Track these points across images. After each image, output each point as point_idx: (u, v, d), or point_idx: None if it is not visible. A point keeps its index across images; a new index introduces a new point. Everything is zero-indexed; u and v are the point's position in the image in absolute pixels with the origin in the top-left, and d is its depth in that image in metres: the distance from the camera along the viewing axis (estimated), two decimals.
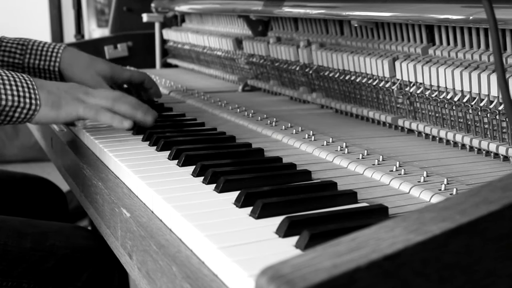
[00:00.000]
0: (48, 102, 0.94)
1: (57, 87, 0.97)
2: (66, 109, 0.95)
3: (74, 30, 2.65)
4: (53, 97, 0.95)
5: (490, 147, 0.89)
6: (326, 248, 0.40)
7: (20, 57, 1.19)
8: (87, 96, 0.98)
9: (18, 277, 1.03)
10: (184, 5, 1.82)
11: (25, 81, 0.93)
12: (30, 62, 1.19)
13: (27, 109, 0.92)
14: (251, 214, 0.64)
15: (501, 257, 0.43)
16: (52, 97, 0.95)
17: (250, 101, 1.36)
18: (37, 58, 1.19)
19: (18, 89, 0.92)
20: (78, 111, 0.96)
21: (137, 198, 0.77)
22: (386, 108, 1.11)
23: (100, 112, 0.96)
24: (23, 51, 1.19)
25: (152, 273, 0.62)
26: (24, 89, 0.92)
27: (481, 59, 0.92)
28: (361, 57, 1.12)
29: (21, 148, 3.85)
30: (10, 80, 0.92)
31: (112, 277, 1.12)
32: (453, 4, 0.92)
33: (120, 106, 0.98)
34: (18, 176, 1.47)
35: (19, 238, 1.05)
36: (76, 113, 0.96)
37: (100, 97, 0.98)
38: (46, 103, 0.94)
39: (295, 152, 0.93)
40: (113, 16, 2.15)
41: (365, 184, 0.78)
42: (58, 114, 0.95)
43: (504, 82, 0.62)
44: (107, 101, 0.98)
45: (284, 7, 1.31)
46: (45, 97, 0.94)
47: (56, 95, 0.95)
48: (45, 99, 0.94)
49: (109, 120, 0.97)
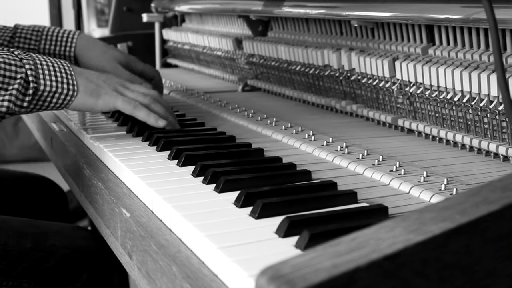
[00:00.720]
0: (87, 89, 0.95)
1: (96, 76, 0.98)
2: (104, 99, 0.96)
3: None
4: (92, 86, 0.96)
5: (490, 147, 0.89)
6: (326, 248, 0.40)
7: (35, 43, 1.20)
8: (125, 89, 1.00)
9: (18, 277, 1.03)
10: (184, 5, 1.82)
11: (62, 67, 0.94)
12: (46, 48, 1.19)
13: (65, 94, 0.93)
14: (251, 214, 0.64)
15: (501, 257, 0.43)
16: (91, 85, 0.96)
17: (250, 101, 1.36)
18: (52, 44, 1.20)
19: (56, 74, 0.92)
20: (116, 102, 0.97)
21: (137, 198, 0.77)
22: (386, 108, 1.11)
23: (137, 108, 0.98)
24: (38, 37, 1.20)
25: (152, 273, 0.62)
26: (62, 75, 0.93)
27: (481, 59, 0.92)
28: (361, 57, 1.12)
29: (21, 148, 3.84)
30: (49, 65, 0.92)
31: (112, 277, 1.12)
32: (453, 4, 0.92)
33: (157, 105, 1.01)
34: (19, 175, 1.47)
35: (19, 238, 1.05)
36: (113, 104, 0.97)
37: (139, 93, 1.01)
38: (85, 90, 0.95)
39: (295, 152, 0.93)
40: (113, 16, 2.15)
41: (365, 184, 0.78)
42: (96, 102, 0.96)
43: (504, 82, 0.62)
44: (145, 98, 1.00)
45: (284, 7, 1.31)
46: (84, 84, 0.95)
47: (95, 83, 0.96)
48: (84, 86, 0.95)
49: (146, 117, 0.99)
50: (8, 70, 0.88)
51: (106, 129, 1.07)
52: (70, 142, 1.06)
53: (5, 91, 0.87)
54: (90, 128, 1.06)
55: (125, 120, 1.09)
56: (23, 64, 0.89)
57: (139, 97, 1.00)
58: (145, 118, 0.99)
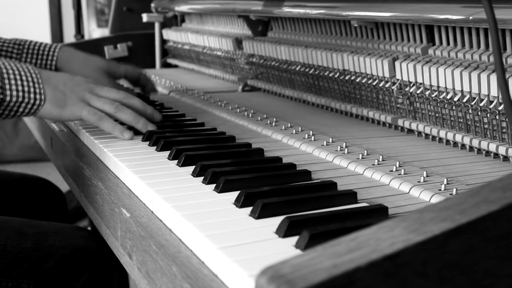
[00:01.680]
0: (53, 99, 0.94)
1: (64, 82, 0.97)
2: (70, 109, 0.95)
3: (74, 30, 2.65)
4: (59, 95, 0.95)
5: (490, 147, 0.89)
6: (326, 248, 0.40)
7: (16, 56, 1.20)
8: (93, 96, 0.98)
9: (18, 277, 1.03)
10: (184, 5, 1.82)
11: (30, 75, 0.93)
12: (27, 62, 1.19)
13: (32, 104, 0.93)
14: (251, 214, 0.64)
15: (501, 257, 0.43)
16: (57, 94, 0.95)
17: (250, 101, 1.36)
18: (34, 57, 1.20)
19: (23, 84, 0.91)
20: (81, 113, 0.96)
21: (137, 198, 0.77)
22: (386, 108, 1.11)
23: (102, 119, 0.97)
24: (20, 50, 1.20)
25: (152, 273, 0.62)
26: (29, 84, 0.92)
27: (481, 59, 0.92)
28: (361, 57, 1.12)
29: (21, 148, 3.85)
30: (15, 74, 0.91)
31: (112, 278, 1.12)
32: (453, 4, 0.92)
33: (122, 114, 0.98)
34: (17, 176, 1.47)
35: (19, 238, 1.05)
36: (79, 115, 0.96)
37: (104, 101, 0.98)
38: (50, 100, 0.94)
39: (295, 152, 0.93)
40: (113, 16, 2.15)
41: (365, 184, 0.78)
42: (62, 113, 0.95)
43: (504, 82, 0.62)
44: (112, 106, 0.98)
45: (284, 7, 1.31)
46: (51, 94, 0.94)
47: (62, 92, 0.95)
48: (50, 96, 0.94)
49: (111, 129, 0.97)
50: None
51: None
52: (70, 142, 1.06)
53: None
54: (90, 128, 1.06)
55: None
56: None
57: (105, 105, 0.97)
58: (110, 130, 0.97)
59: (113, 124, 0.97)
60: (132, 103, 1.01)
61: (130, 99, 1.01)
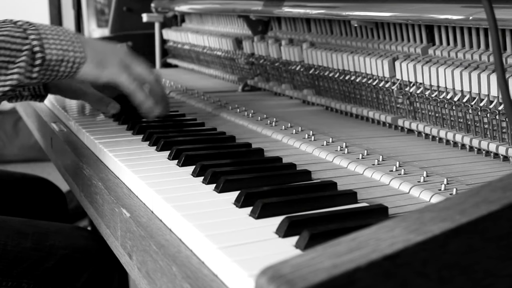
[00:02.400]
0: (94, 59, 0.94)
1: (103, 45, 0.97)
2: (110, 70, 0.95)
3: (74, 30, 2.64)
4: (100, 56, 0.95)
5: (490, 147, 0.89)
6: (326, 248, 0.40)
7: None
8: (132, 64, 0.99)
9: (18, 277, 1.03)
10: (184, 5, 1.82)
11: (67, 34, 0.92)
12: None
13: (72, 62, 0.91)
14: (251, 214, 0.64)
15: (501, 257, 0.43)
16: (99, 55, 0.94)
17: (250, 101, 1.36)
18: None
19: (62, 42, 0.90)
20: (120, 77, 0.97)
21: (137, 198, 0.77)
22: (386, 108, 1.11)
23: (138, 89, 0.98)
24: None
25: (152, 273, 0.62)
26: (68, 43, 0.91)
27: (481, 59, 0.92)
28: (361, 57, 1.12)
29: (21, 148, 3.84)
30: (53, 34, 0.90)
31: (112, 277, 1.12)
32: (453, 4, 0.92)
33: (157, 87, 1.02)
34: (18, 176, 1.47)
35: (19, 238, 1.05)
36: (118, 79, 0.96)
37: (144, 69, 1.00)
38: (92, 59, 0.93)
39: (295, 152, 0.93)
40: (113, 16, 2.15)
41: (365, 184, 0.78)
42: (102, 73, 0.95)
43: (504, 82, 0.62)
44: (150, 76, 1.00)
45: (284, 7, 1.30)
46: (92, 54, 0.93)
47: (103, 53, 0.95)
48: (92, 56, 0.93)
49: (143, 100, 0.99)
50: (13, 43, 0.86)
51: (106, 129, 1.07)
52: (70, 142, 1.06)
53: (13, 64, 0.86)
54: (90, 128, 1.06)
55: (126, 120, 1.09)
56: (28, 35, 0.88)
57: (146, 71, 1.00)
58: (142, 101, 0.99)
59: (146, 96, 0.99)
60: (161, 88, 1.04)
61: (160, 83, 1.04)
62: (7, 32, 0.86)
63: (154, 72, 1.03)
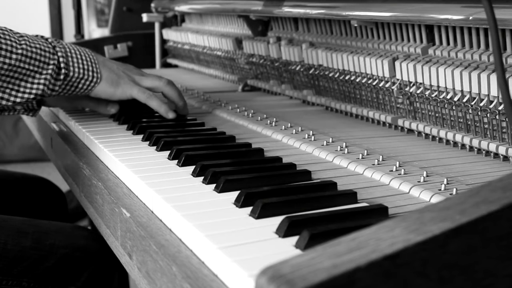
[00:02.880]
0: (109, 79, 1.05)
1: (117, 66, 1.08)
2: (122, 88, 1.06)
3: (74, 30, 2.64)
4: (113, 76, 1.05)
5: (490, 147, 0.89)
6: (326, 248, 0.40)
7: None
8: (141, 78, 1.10)
9: (18, 276, 1.03)
10: (184, 5, 1.82)
11: (88, 55, 1.03)
12: None
13: (90, 81, 1.02)
14: (251, 214, 0.64)
15: (501, 257, 0.43)
16: (112, 75, 1.05)
17: (250, 101, 1.36)
18: None
19: (83, 62, 1.01)
20: (132, 92, 1.07)
21: (137, 198, 0.77)
22: (386, 108, 1.11)
23: (151, 97, 1.08)
24: None
25: (152, 273, 0.62)
26: (88, 63, 1.02)
27: (481, 59, 0.92)
28: (361, 57, 1.12)
29: (21, 148, 3.84)
30: (77, 53, 1.01)
31: (112, 277, 1.12)
32: (453, 4, 0.92)
33: (171, 89, 1.11)
34: (18, 176, 1.47)
35: (19, 237, 1.05)
36: (130, 93, 1.07)
37: (153, 79, 1.10)
38: (107, 79, 1.04)
39: (295, 152, 0.93)
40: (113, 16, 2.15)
41: (365, 184, 0.78)
42: (115, 91, 1.06)
43: (504, 82, 0.62)
44: (160, 81, 1.10)
45: (284, 7, 1.30)
46: (107, 74, 1.05)
47: (116, 73, 1.06)
48: (106, 76, 1.04)
49: (158, 107, 1.09)
50: (43, 56, 0.96)
51: (106, 128, 1.07)
52: (70, 142, 1.06)
53: (40, 75, 0.96)
54: (90, 128, 1.06)
55: (126, 120, 1.09)
56: (56, 51, 0.98)
57: (154, 82, 1.10)
58: (157, 108, 1.08)
59: (160, 102, 1.09)
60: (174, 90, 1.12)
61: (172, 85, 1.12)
62: (39, 46, 0.96)
63: (164, 79, 1.12)
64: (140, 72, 1.12)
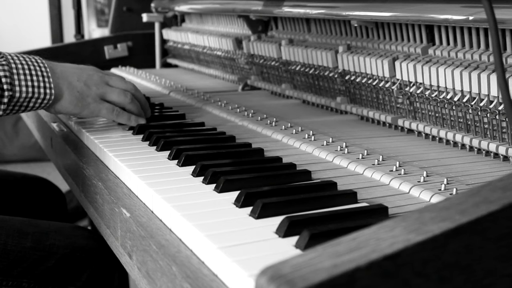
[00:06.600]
0: (72, 98, 0.97)
1: (77, 77, 0.98)
2: (89, 109, 1.00)
3: (74, 30, 2.64)
4: (76, 94, 0.97)
5: (490, 147, 0.89)
6: (326, 248, 0.40)
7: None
8: (107, 90, 1.02)
9: (18, 276, 1.03)
10: (184, 5, 1.82)
11: (39, 68, 0.93)
12: None
13: (42, 99, 0.93)
14: (251, 214, 0.64)
15: (501, 257, 0.43)
16: (74, 93, 0.97)
17: (250, 101, 1.36)
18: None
19: (33, 78, 0.91)
20: (100, 113, 1.02)
21: (137, 198, 0.77)
22: (386, 108, 1.11)
23: (119, 115, 1.04)
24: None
25: (152, 273, 0.62)
26: (39, 78, 0.92)
27: (481, 59, 0.92)
28: (361, 57, 1.12)
29: (21, 148, 3.84)
30: (24, 68, 0.91)
31: (112, 277, 1.12)
32: (453, 4, 0.92)
33: (132, 106, 1.05)
34: (18, 176, 1.46)
35: (19, 237, 1.05)
36: (97, 114, 1.02)
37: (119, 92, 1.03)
38: (69, 99, 0.97)
39: (295, 152, 0.93)
40: (113, 16, 2.15)
41: (365, 184, 0.78)
42: (81, 112, 1.00)
43: (504, 82, 0.62)
44: (125, 99, 1.03)
45: (284, 7, 1.31)
46: (68, 92, 0.96)
47: (79, 91, 0.98)
48: (68, 95, 0.96)
49: (127, 122, 1.05)
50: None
51: (106, 129, 1.07)
52: (70, 142, 1.06)
53: None
54: (90, 128, 1.06)
55: None
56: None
57: (120, 97, 1.03)
58: (127, 123, 1.05)
59: (128, 116, 1.05)
60: (139, 96, 1.08)
61: (137, 91, 1.08)
62: None
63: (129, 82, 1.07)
64: (103, 79, 1.02)
